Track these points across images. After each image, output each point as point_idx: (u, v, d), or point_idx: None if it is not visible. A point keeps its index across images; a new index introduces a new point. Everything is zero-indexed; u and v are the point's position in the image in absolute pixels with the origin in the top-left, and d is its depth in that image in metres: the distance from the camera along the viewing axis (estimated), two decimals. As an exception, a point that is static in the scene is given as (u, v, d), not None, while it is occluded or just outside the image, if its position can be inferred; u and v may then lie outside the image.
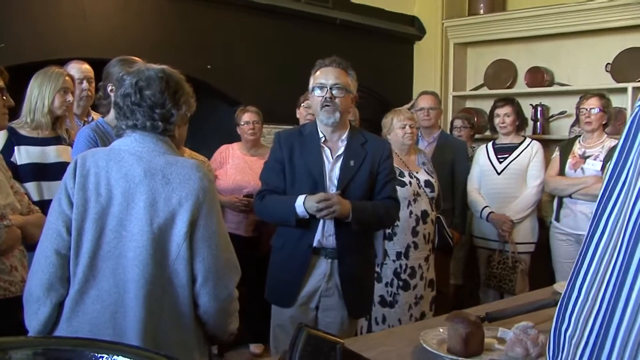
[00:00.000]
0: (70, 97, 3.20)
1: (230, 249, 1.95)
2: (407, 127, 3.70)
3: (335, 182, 2.82)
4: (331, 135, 2.87)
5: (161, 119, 1.92)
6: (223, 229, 1.93)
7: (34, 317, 1.86)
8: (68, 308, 1.84)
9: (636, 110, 0.78)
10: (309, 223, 2.76)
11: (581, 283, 0.79)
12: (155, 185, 1.83)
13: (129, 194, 1.84)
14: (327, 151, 2.85)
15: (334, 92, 2.76)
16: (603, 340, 0.72)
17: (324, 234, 2.78)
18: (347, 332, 2.86)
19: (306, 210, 2.70)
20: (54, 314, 1.85)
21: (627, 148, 0.77)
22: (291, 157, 2.84)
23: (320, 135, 2.85)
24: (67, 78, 3.20)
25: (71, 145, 3.26)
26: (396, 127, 3.72)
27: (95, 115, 3.55)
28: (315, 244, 2.78)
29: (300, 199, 2.71)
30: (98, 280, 1.82)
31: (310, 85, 2.85)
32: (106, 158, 1.91)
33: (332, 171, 2.84)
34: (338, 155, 2.84)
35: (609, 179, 0.79)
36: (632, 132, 0.77)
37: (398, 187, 3.54)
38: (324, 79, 2.78)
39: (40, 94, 3.10)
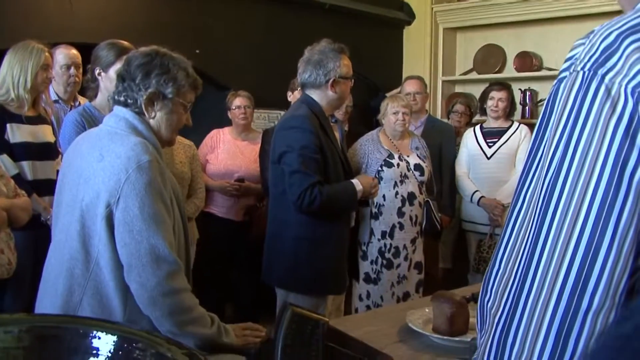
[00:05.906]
0: (51, 74, 3.19)
1: (159, 236, 1.71)
2: (400, 114, 3.78)
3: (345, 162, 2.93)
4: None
5: (127, 93, 1.84)
6: (149, 214, 1.70)
7: None
8: None
9: (552, 89, 0.81)
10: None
11: (501, 255, 0.83)
12: (91, 162, 1.76)
13: (80, 169, 1.79)
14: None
15: None
16: (514, 309, 0.76)
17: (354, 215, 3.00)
18: None
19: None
20: None
21: (543, 125, 0.81)
22: (327, 142, 2.75)
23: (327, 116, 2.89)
24: (47, 54, 3.15)
25: (52, 124, 3.26)
26: (389, 113, 3.81)
27: (82, 99, 3.53)
28: (352, 224, 2.95)
29: (357, 182, 2.79)
30: (55, 250, 1.85)
31: (347, 71, 2.82)
32: (84, 134, 1.97)
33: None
34: (339, 136, 2.91)
35: (528, 154, 0.83)
36: (548, 110, 0.81)
37: (385, 168, 3.65)
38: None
39: (22, 69, 3.04)
